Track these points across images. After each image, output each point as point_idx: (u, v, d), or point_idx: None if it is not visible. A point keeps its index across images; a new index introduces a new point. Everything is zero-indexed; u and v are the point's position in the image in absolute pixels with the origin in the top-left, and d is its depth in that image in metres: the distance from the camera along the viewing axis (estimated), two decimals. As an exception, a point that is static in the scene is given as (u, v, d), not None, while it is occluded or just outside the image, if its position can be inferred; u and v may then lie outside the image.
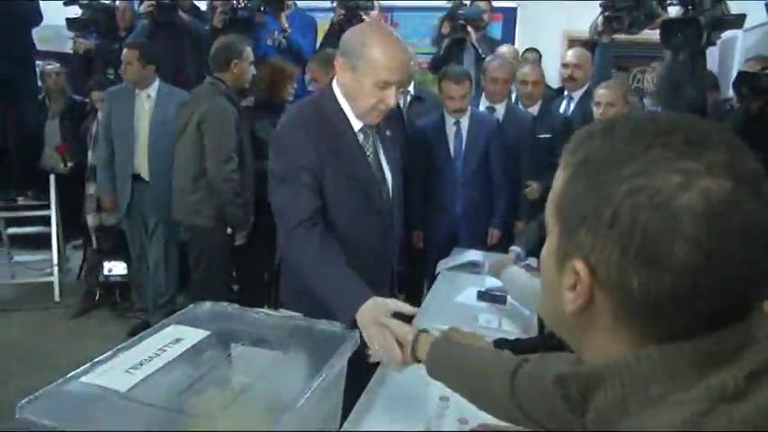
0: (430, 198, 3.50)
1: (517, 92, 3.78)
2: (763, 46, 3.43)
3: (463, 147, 3.40)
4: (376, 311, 1.61)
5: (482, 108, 3.69)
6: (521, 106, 3.66)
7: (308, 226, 1.81)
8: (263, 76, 3.48)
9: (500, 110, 3.66)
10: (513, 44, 5.01)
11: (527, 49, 4.70)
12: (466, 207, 3.39)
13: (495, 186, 3.43)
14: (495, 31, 5.20)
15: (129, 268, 4.19)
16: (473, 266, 2.94)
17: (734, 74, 3.36)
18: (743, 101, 2.54)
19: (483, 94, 3.71)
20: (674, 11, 3.10)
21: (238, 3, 3.97)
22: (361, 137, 1.96)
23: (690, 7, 2.82)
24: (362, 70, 1.77)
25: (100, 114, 3.97)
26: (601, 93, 3.10)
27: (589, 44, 4.15)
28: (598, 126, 0.63)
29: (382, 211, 2.02)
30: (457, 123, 3.40)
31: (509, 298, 2.44)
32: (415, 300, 4.07)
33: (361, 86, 1.80)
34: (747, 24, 3.73)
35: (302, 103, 2.02)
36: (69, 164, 4.44)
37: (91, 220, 4.14)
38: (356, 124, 1.93)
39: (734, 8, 3.01)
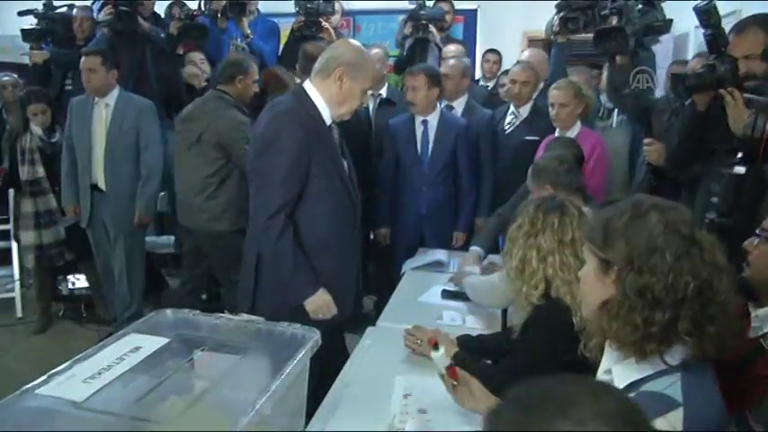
0: (396, 196, 3.53)
1: (507, 92, 3.75)
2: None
3: (430, 147, 3.41)
4: None
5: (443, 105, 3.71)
6: (512, 107, 3.62)
7: (286, 213, 2.12)
8: (263, 82, 3.50)
9: (458, 108, 3.68)
10: (475, 45, 5.08)
11: (488, 50, 4.77)
12: (431, 207, 3.42)
13: (462, 188, 3.44)
14: (457, 32, 5.24)
15: (88, 279, 4.12)
16: (438, 265, 2.98)
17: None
18: (677, 101, 2.67)
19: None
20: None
21: (197, 10, 3.96)
22: (335, 133, 2.24)
23: (617, 17, 2.96)
24: (360, 79, 2.15)
25: (33, 127, 3.85)
26: (554, 93, 3.14)
27: (547, 44, 4.22)
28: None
29: (355, 205, 2.28)
30: (425, 123, 3.41)
31: (471, 300, 2.48)
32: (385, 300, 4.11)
33: (354, 92, 2.16)
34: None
35: (288, 103, 2.18)
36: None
37: (30, 237, 3.91)
38: (327, 122, 2.20)
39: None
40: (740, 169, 1.99)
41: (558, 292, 1.69)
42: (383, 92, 4.04)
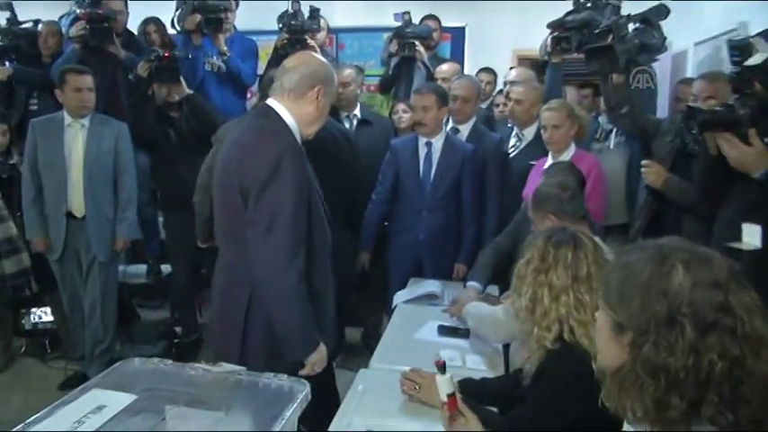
0: (394, 220, 3.40)
1: (510, 113, 3.63)
2: (714, 60, 3.48)
3: (433, 170, 3.29)
4: None
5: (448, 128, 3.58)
6: (515, 130, 3.54)
7: (300, 253, 1.94)
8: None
9: (464, 131, 3.55)
10: (463, 64, 5.01)
11: (482, 69, 4.68)
12: (431, 233, 3.27)
13: (464, 217, 3.31)
14: (444, 51, 5.16)
15: (54, 313, 3.92)
16: (432, 298, 2.84)
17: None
18: (683, 124, 2.58)
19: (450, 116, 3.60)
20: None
21: (165, 51, 3.78)
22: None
23: (610, 36, 2.93)
24: (331, 95, 2.10)
25: None
26: (546, 115, 3.06)
27: (538, 63, 4.15)
28: None
29: (327, 230, 2.12)
30: (429, 145, 3.31)
31: (471, 331, 2.38)
32: (374, 335, 3.98)
33: (326, 109, 2.10)
34: (698, 38, 3.83)
35: (271, 124, 2.02)
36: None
37: None
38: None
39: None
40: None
41: (573, 334, 1.57)
42: (357, 112, 3.94)
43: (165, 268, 4.38)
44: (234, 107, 4.18)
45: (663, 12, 2.95)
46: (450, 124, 3.59)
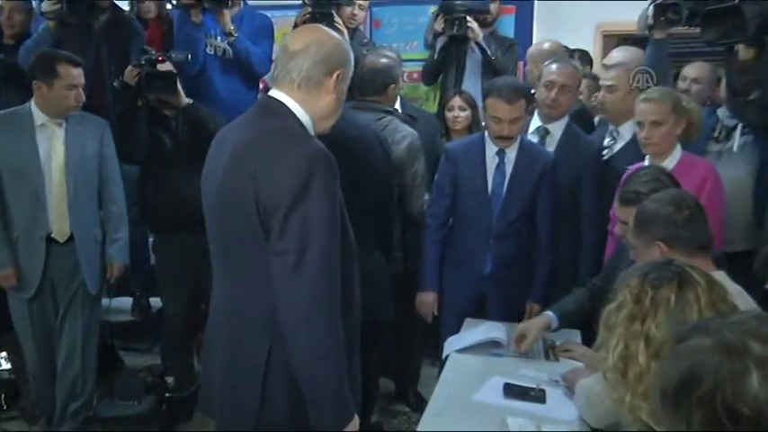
0: (450, 249, 3.33)
1: (600, 105, 3.57)
2: None
3: (505, 187, 3.24)
4: None
5: (532, 128, 3.54)
6: (609, 127, 3.49)
7: (337, 293, 1.89)
8: None
9: (556, 133, 3.48)
10: (531, 43, 4.91)
11: (574, 50, 4.58)
12: (497, 265, 3.18)
13: (540, 244, 3.27)
14: (506, 27, 5.07)
15: (12, 359, 3.92)
16: (494, 346, 2.75)
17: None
18: None
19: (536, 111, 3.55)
20: None
21: (158, 54, 3.75)
22: None
23: None
24: (346, 81, 2.05)
25: None
26: (642, 108, 2.95)
27: (636, 42, 4.04)
28: None
29: (355, 261, 2.10)
30: (501, 154, 3.25)
31: (548, 394, 2.33)
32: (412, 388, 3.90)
33: (342, 97, 2.06)
34: None
35: (292, 130, 1.97)
36: None
37: None
38: None
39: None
40: None
41: None
42: (398, 107, 3.88)
43: (155, 302, 4.37)
44: (242, 99, 4.15)
45: None
46: (537, 122, 3.50)
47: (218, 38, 4.15)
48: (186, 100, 3.72)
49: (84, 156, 3.47)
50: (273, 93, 2.01)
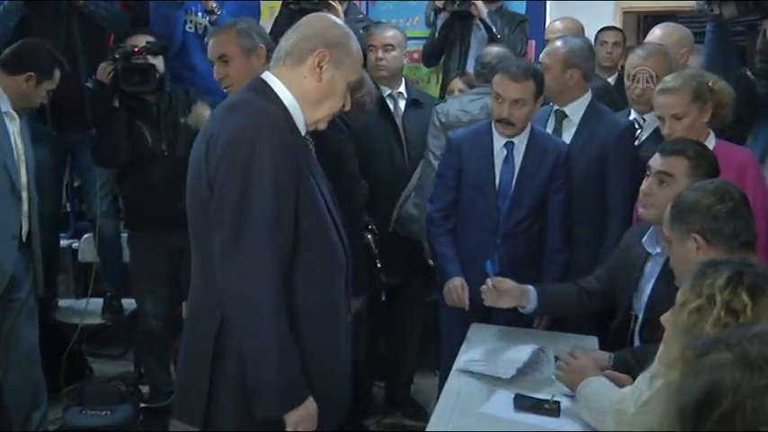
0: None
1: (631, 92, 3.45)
2: None
3: (514, 181, 3.22)
4: None
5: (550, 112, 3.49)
6: (632, 113, 3.45)
7: (280, 269, 1.99)
8: None
9: (574, 116, 3.39)
10: (544, 23, 4.89)
11: (604, 28, 4.59)
12: (504, 266, 3.08)
13: (551, 243, 3.26)
14: (518, 3, 5.01)
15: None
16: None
17: None
18: None
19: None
20: None
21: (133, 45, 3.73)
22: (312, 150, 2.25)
23: None
24: (345, 68, 2.10)
25: None
26: (660, 101, 2.93)
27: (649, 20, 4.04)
28: None
29: (347, 257, 2.22)
30: (509, 146, 3.23)
31: (563, 406, 2.31)
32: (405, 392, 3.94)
33: (337, 86, 2.11)
34: None
35: (252, 102, 2.06)
36: None
37: None
38: (302, 130, 2.14)
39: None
40: None
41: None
42: (403, 90, 3.98)
43: (129, 303, 4.35)
44: None
45: None
46: (555, 106, 3.46)
47: (199, 14, 4.19)
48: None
49: (30, 152, 3.56)
50: (264, 74, 2.12)
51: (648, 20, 4.32)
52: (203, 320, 2.09)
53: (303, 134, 2.14)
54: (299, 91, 2.08)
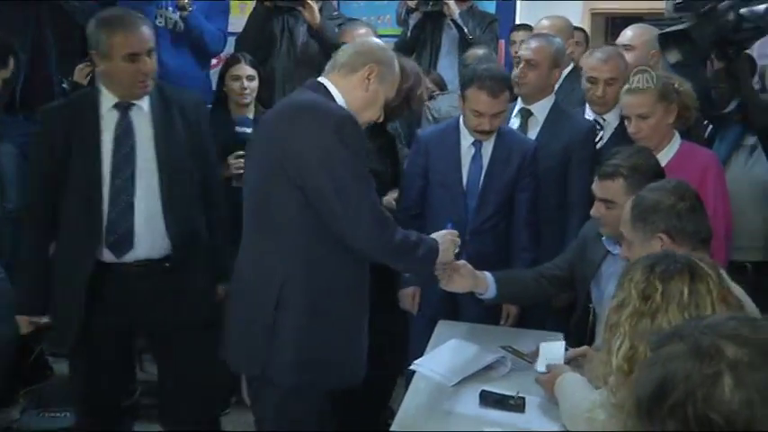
0: None
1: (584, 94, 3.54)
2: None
3: (481, 181, 3.23)
4: None
5: (515, 111, 3.51)
6: (588, 112, 3.48)
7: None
8: None
9: (539, 114, 3.44)
10: (513, 23, 4.92)
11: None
12: (473, 264, 3.01)
13: (518, 241, 3.26)
14: (488, 2, 5.11)
15: None
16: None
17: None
18: None
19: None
20: None
21: None
22: None
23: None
24: (387, 84, 2.49)
25: None
26: (626, 101, 2.97)
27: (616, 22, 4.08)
28: None
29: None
30: (477, 145, 3.24)
31: (527, 403, 2.32)
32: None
33: (378, 99, 2.49)
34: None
35: (319, 98, 2.41)
36: None
37: None
38: None
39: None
40: None
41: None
42: None
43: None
44: (193, 76, 4.25)
45: None
46: (519, 104, 3.49)
47: (170, 8, 4.17)
48: None
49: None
50: (320, 78, 2.49)
51: (617, 21, 4.35)
52: (265, 280, 2.36)
53: None
54: (349, 97, 2.44)
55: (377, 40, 2.71)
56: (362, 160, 2.34)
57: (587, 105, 3.49)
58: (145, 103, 2.76)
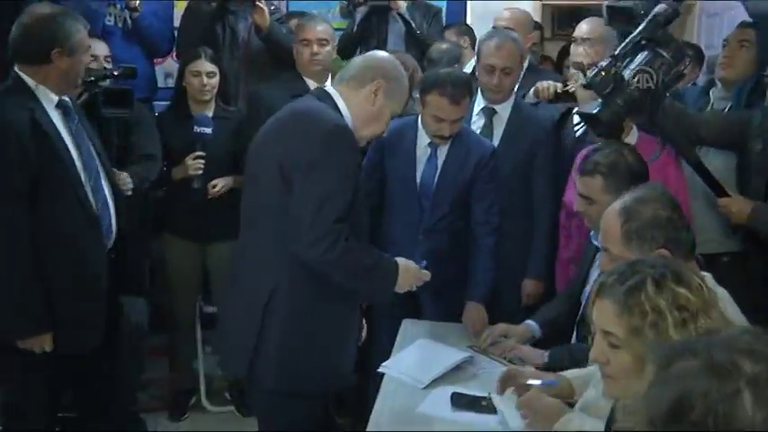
0: (377, 243, 3.14)
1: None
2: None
3: (436, 179, 3.22)
4: None
5: (477, 110, 3.48)
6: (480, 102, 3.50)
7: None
8: None
9: (503, 113, 3.45)
10: (465, 17, 4.94)
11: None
12: (430, 263, 2.98)
13: (477, 239, 3.23)
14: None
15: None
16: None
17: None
18: None
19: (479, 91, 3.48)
20: None
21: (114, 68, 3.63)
22: None
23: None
24: (393, 100, 2.50)
25: None
26: (582, 95, 3.09)
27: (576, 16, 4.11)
28: None
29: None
30: (434, 148, 3.23)
31: (498, 404, 2.31)
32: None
33: (384, 114, 2.51)
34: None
35: (329, 113, 2.42)
36: None
37: None
38: None
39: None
40: None
41: None
42: (329, 84, 3.85)
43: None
44: (142, 74, 4.07)
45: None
46: (482, 103, 3.48)
47: (118, 6, 4.13)
48: None
49: None
50: (327, 87, 2.61)
51: (573, 14, 4.35)
52: (257, 285, 2.39)
53: None
54: (355, 110, 2.46)
55: (387, 55, 2.70)
56: (347, 173, 2.32)
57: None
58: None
